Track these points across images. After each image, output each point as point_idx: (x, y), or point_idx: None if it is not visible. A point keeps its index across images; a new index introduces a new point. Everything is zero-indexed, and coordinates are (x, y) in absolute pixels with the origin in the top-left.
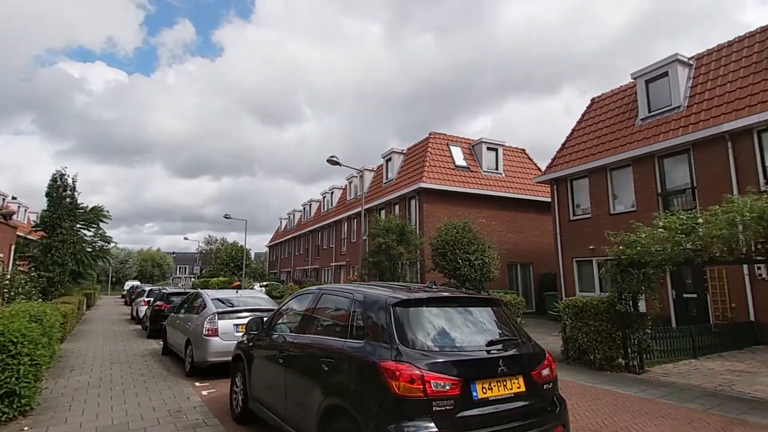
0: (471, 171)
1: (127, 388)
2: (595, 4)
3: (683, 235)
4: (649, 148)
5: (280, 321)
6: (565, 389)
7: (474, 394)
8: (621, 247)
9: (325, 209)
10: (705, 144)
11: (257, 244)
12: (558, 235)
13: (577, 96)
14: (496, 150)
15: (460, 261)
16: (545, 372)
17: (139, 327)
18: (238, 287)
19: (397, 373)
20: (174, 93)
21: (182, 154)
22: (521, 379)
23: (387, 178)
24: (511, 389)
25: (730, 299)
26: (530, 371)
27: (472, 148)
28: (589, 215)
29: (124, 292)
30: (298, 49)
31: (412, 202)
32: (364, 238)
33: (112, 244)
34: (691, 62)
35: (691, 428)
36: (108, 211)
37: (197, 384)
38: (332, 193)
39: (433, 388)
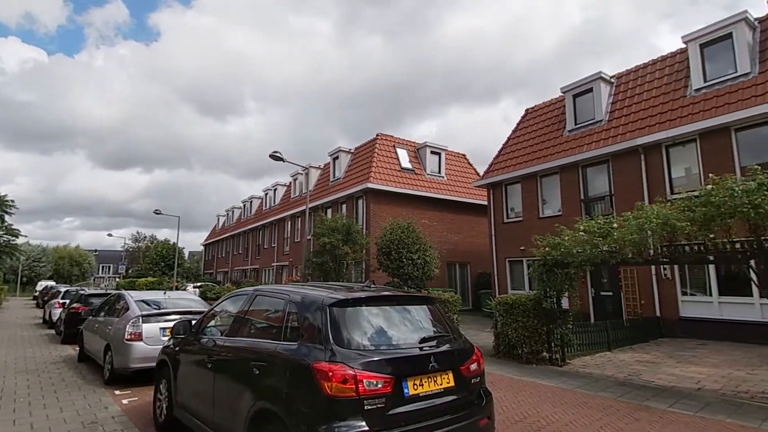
0: (416, 173)
1: (35, 400)
2: (532, 21)
3: (600, 238)
4: (575, 158)
5: (210, 324)
6: (495, 382)
7: (405, 390)
8: (547, 249)
9: (268, 207)
10: (622, 156)
11: (192, 242)
12: (493, 237)
13: (514, 106)
14: (439, 154)
15: (404, 260)
16: (473, 367)
17: (53, 332)
18: (176, 288)
19: (330, 373)
20: (102, 77)
21: (110, 143)
22: (451, 375)
23: (334, 177)
24: (441, 384)
25: (640, 297)
26: (459, 366)
27: (417, 152)
28: (521, 218)
29: (36, 294)
30: (245, 40)
31: (360, 201)
32: (309, 237)
33: (21, 239)
34: (612, 80)
35: (604, 415)
36: (12, 201)
37: (117, 392)
38: (275, 190)
39: (366, 387)
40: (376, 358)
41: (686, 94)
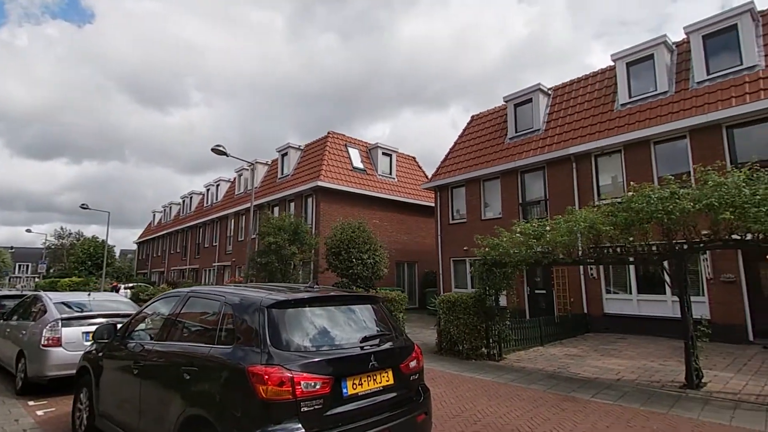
0: (367, 174)
1: None
2: (480, 32)
3: (535, 240)
4: (514, 164)
5: (139, 327)
6: (436, 378)
7: (344, 390)
8: (487, 249)
9: (209, 203)
10: (556, 163)
11: (124, 240)
12: (439, 237)
13: (462, 112)
14: (390, 156)
15: (354, 260)
16: (413, 364)
17: None
18: (116, 288)
19: (266, 377)
20: (25, 57)
21: (31, 129)
22: (391, 373)
23: (282, 174)
24: (380, 383)
25: (570, 295)
26: (400, 364)
27: (369, 152)
28: (465, 220)
29: None
30: (192, 28)
31: (309, 200)
32: (253, 236)
33: None
34: (549, 92)
35: (534, 406)
36: None
37: (31, 403)
38: (218, 185)
39: (303, 389)
40: (315, 359)
41: (614, 109)
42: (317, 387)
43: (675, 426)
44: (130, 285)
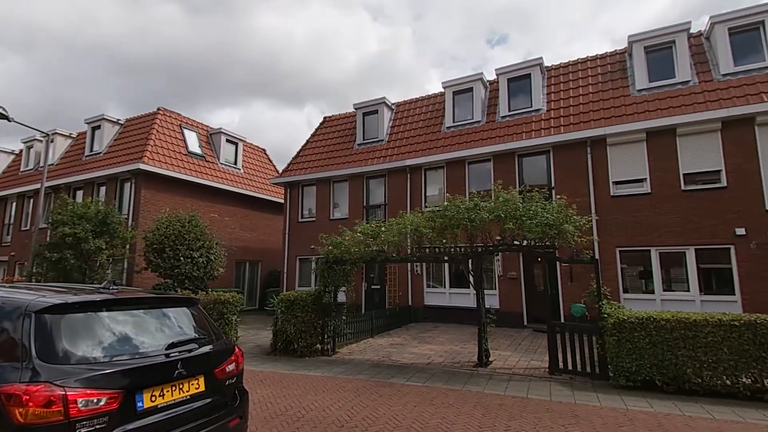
0: (207, 161)
1: None
2: (338, 40)
3: (372, 239)
4: (361, 169)
5: None
6: (266, 379)
7: (139, 404)
8: (330, 247)
9: None
10: (395, 172)
11: None
12: (287, 235)
13: (318, 113)
14: (236, 144)
15: (181, 258)
16: (230, 368)
17: None
18: None
19: (26, 397)
20: None
21: None
22: (202, 379)
23: (91, 151)
24: (188, 391)
25: (399, 289)
26: (214, 369)
27: (210, 137)
28: (314, 219)
29: None
30: None
31: (127, 185)
32: (43, 226)
33: None
34: (393, 107)
35: (356, 395)
36: None
37: None
38: None
39: (81, 408)
40: (101, 372)
41: (441, 129)
42: (101, 403)
43: (465, 399)
44: None
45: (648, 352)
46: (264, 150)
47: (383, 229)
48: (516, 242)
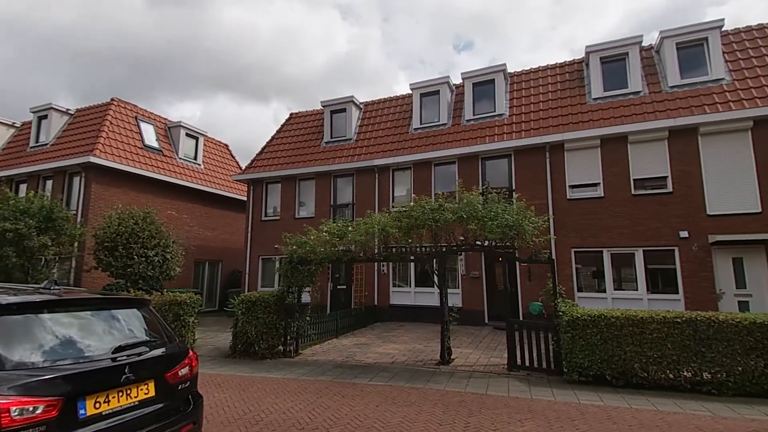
0: (165, 155)
1: None
2: (305, 38)
3: (338, 239)
4: (328, 168)
5: None
6: (224, 383)
7: (81, 411)
8: (294, 247)
9: None
10: (363, 172)
11: None
12: (249, 234)
13: (285, 109)
14: (197, 138)
15: (135, 257)
16: (183, 372)
17: None
18: None
19: None
20: None
21: None
22: (152, 384)
23: (37, 142)
24: (136, 397)
25: (365, 289)
26: (165, 373)
27: (168, 130)
28: (278, 217)
29: None
30: None
31: (76, 179)
32: None
33: None
34: (361, 106)
35: (318, 397)
36: None
37: None
38: None
39: (14, 417)
40: (39, 378)
41: (408, 131)
42: (38, 411)
43: (427, 397)
44: None
45: (599, 348)
46: (226, 145)
47: (350, 228)
48: (478, 243)
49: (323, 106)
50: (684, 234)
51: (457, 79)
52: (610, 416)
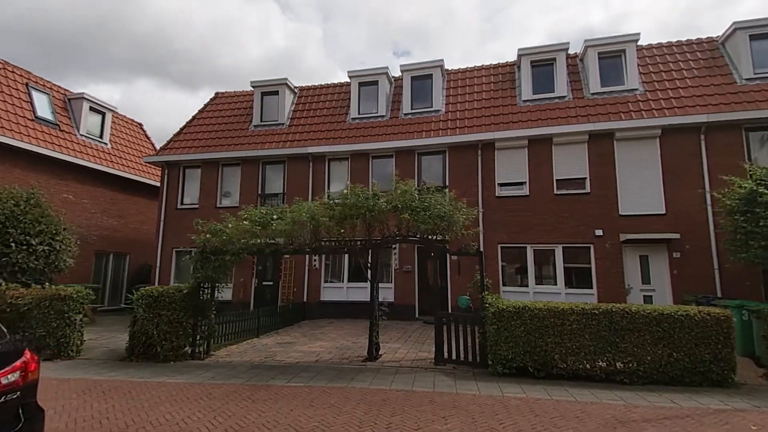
0: (62, 130)
1: None
2: (239, 30)
3: (261, 228)
4: (257, 153)
5: None
6: (111, 390)
7: None
8: (208, 236)
9: None
10: (296, 159)
11: None
12: (161, 223)
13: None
14: (103, 114)
15: (13, 245)
16: (10, 378)
17: None
18: None
19: None
20: None
21: None
22: None
23: None
24: None
25: (294, 285)
26: None
27: (68, 102)
28: (197, 206)
29: None
30: None
31: None
32: None
33: None
34: (296, 90)
35: (223, 403)
36: None
37: None
38: None
39: None
40: None
41: (346, 120)
42: None
43: (349, 397)
44: None
45: (523, 340)
46: (140, 124)
47: (275, 217)
48: (411, 234)
49: (253, 87)
50: (599, 232)
51: (396, 72)
52: (532, 409)
